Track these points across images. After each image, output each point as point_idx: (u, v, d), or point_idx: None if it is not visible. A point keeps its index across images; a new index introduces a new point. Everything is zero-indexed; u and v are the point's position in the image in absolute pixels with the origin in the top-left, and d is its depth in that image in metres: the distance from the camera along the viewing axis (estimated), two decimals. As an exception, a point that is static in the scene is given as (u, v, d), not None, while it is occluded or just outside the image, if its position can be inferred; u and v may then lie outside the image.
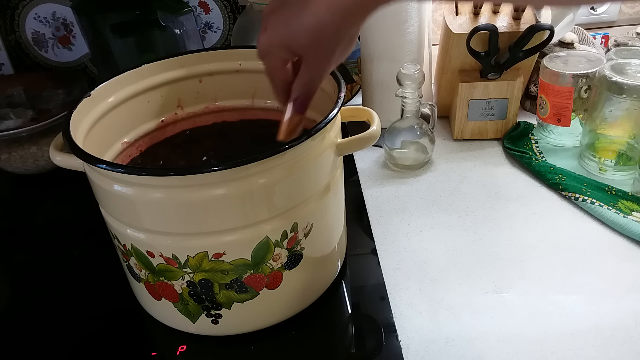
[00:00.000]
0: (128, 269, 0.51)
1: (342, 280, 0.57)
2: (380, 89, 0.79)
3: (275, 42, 0.41)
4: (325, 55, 0.41)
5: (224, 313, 0.49)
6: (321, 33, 0.39)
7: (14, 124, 0.73)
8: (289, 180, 0.44)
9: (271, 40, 0.41)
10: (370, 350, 0.50)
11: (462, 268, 0.58)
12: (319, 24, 0.38)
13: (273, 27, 0.40)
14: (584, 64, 0.71)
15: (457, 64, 0.76)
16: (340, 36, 0.40)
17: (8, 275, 0.64)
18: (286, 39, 0.40)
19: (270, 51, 0.41)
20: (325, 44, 0.40)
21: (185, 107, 0.62)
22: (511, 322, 0.51)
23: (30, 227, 0.72)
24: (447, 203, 0.67)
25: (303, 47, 0.40)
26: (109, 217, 0.49)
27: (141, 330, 0.55)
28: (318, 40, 0.39)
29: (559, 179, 0.68)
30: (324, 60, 0.41)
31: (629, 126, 0.67)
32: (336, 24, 0.38)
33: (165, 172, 0.42)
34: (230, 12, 0.94)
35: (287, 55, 0.42)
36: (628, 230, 0.60)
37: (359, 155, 0.78)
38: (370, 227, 0.64)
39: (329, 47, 0.40)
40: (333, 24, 0.38)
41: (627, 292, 0.53)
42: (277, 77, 0.43)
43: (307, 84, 0.43)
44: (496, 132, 0.78)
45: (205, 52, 0.60)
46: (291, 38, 0.40)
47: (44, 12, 0.90)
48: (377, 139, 0.49)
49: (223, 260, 0.45)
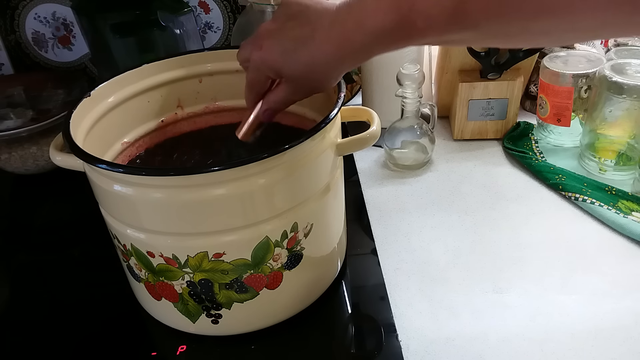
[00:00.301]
0: (128, 269, 0.51)
1: (342, 280, 0.57)
2: (380, 89, 0.79)
3: (267, 63, 0.43)
4: (311, 87, 0.44)
5: (224, 313, 0.49)
6: (313, 72, 0.42)
7: (14, 124, 0.73)
8: (289, 180, 0.44)
9: (264, 60, 0.43)
10: (370, 350, 0.50)
11: (462, 268, 0.58)
12: (314, 65, 0.41)
13: (268, 49, 0.43)
14: (584, 64, 0.71)
15: (457, 64, 0.76)
16: (331, 77, 0.43)
17: (8, 275, 0.64)
18: (278, 65, 0.43)
19: (259, 68, 0.44)
20: (314, 81, 0.43)
21: (185, 107, 0.62)
22: (511, 322, 0.51)
23: (30, 227, 0.72)
24: (447, 203, 0.67)
25: (293, 77, 0.43)
26: (109, 217, 0.49)
27: (141, 330, 0.54)
28: (309, 76, 0.42)
29: (559, 179, 0.68)
30: (306, 91, 0.44)
31: (629, 126, 0.67)
32: (331, 66, 0.41)
33: (165, 172, 0.42)
34: (230, 12, 0.94)
35: (273, 76, 0.45)
36: (628, 230, 0.60)
37: (359, 155, 0.78)
38: (370, 227, 0.64)
39: (317, 84, 0.43)
40: (327, 66, 0.41)
41: (627, 292, 0.53)
42: (254, 87, 0.46)
43: (281, 101, 0.45)
44: (496, 132, 0.78)
45: (205, 52, 0.60)
46: (283, 66, 0.42)
47: (44, 12, 0.90)
48: (377, 139, 0.49)
49: (223, 260, 0.45)
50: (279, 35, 0.42)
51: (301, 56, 0.41)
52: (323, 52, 0.40)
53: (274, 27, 0.43)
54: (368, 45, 0.39)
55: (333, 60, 0.40)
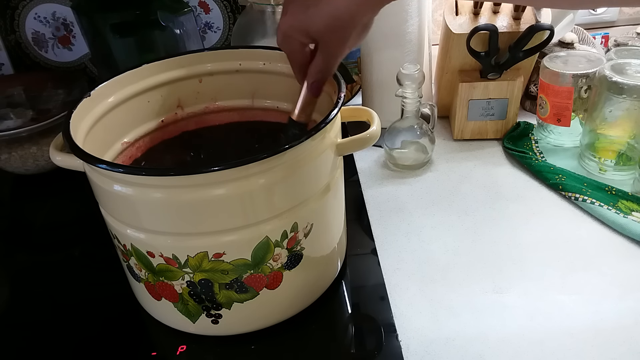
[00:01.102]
0: (128, 269, 0.51)
1: (342, 280, 0.57)
2: (380, 89, 0.79)
3: (294, 26, 0.43)
4: (340, 40, 0.44)
5: (224, 313, 0.49)
6: (338, 19, 0.42)
7: (14, 124, 0.73)
8: (289, 180, 0.44)
9: (291, 24, 0.44)
10: (370, 350, 0.50)
11: (462, 268, 0.58)
12: (336, 11, 0.41)
13: (292, 12, 0.43)
14: (584, 64, 0.71)
15: (457, 64, 0.76)
16: (355, 23, 0.43)
17: (8, 275, 0.64)
18: (305, 24, 0.43)
19: (290, 34, 0.44)
20: (341, 30, 0.43)
21: (185, 107, 0.62)
22: (511, 322, 0.51)
23: (30, 227, 0.72)
24: (447, 203, 0.67)
25: (320, 32, 0.43)
26: (109, 217, 0.49)
27: (141, 330, 0.55)
28: (334, 26, 0.42)
29: (559, 179, 0.68)
30: (338, 45, 0.44)
31: (629, 126, 0.67)
32: (352, 12, 0.42)
33: (165, 172, 0.42)
34: (230, 12, 0.94)
35: (305, 40, 0.44)
36: (628, 230, 0.60)
37: (359, 155, 0.78)
38: (370, 227, 0.64)
39: (344, 33, 0.43)
40: (349, 12, 0.41)
41: (627, 292, 0.53)
42: (295, 59, 0.46)
43: (322, 68, 0.46)
44: (496, 132, 0.78)
45: (205, 52, 0.60)
46: (309, 23, 0.43)
47: (44, 12, 0.90)
48: (377, 139, 0.49)
49: (223, 260, 0.45)
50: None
51: (324, 8, 0.41)
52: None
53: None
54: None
55: (355, 5, 0.41)
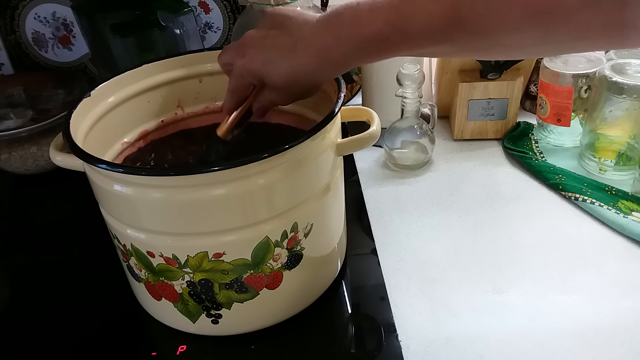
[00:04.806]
0: (128, 269, 0.51)
1: (342, 280, 0.57)
2: (380, 89, 0.79)
3: (250, 71, 0.45)
4: (294, 94, 0.46)
5: (224, 313, 0.49)
6: (296, 81, 0.43)
7: (14, 124, 0.73)
8: (289, 180, 0.44)
9: (248, 69, 0.45)
10: (370, 350, 0.50)
11: (462, 268, 0.58)
12: (297, 74, 0.43)
13: (252, 58, 0.44)
14: (584, 64, 0.71)
15: (457, 64, 0.76)
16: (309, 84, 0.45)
17: (8, 275, 0.64)
18: (261, 73, 0.44)
19: (243, 75, 0.45)
20: (297, 87, 0.44)
21: (185, 107, 0.62)
22: (511, 322, 0.51)
23: (30, 227, 0.72)
24: (447, 203, 0.67)
25: (274, 83, 0.44)
26: (109, 217, 0.49)
27: (141, 330, 0.55)
28: (292, 84, 0.44)
29: (559, 179, 0.68)
30: (291, 97, 0.46)
31: (629, 126, 0.67)
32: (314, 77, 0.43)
33: (165, 172, 0.42)
34: (230, 12, 0.94)
35: (257, 83, 0.46)
36: (628, 230, 0.60)
37: (359, 155, 0.78)
38: (370, 227, 0.64)
39: (299, 90, 0.45)
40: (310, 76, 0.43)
41: (627, 292, 0.53)
42: (238, 93, 0.47)
43: (269, 102, 0.47)
44: (496, 132, 0.78)
45: (205, 52, 0.60)
46: (266, 74, 0.44)
47: (44, 12, 0.90)
48: (377, 139, 0.49)
49: (223, 260, 0.45)
50: (262, 45, 0.43)
51: (283, 67, 0.42)
52: (303, 63, 0.42)
53: (258, 35, 0.44)
54: (346, 57, 0.41)
55: (313, 71, 0.42)
